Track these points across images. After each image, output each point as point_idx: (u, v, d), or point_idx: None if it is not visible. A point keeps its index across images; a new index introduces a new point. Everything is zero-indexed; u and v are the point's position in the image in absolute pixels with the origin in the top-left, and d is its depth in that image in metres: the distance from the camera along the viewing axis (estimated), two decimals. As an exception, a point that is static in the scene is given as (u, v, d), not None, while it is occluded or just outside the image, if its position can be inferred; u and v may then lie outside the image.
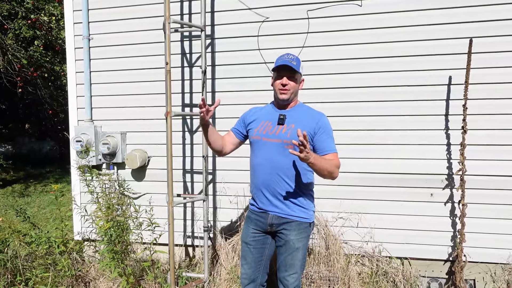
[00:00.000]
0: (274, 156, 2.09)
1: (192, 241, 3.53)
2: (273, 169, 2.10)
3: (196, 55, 3.40)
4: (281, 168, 2.09)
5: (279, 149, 2.08)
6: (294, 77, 2.10)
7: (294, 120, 2.11)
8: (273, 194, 2.12)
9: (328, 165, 1.99)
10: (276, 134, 2.11)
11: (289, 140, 1.99)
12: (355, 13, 3.06)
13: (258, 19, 3.23)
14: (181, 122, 3.45)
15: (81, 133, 3.46)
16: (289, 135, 2.06)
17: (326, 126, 2.11)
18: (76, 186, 3.62)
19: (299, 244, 2.13)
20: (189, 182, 3.50)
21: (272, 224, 2.15)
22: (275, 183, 2.10)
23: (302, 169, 2.10)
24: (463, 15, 2.89)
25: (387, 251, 3.16)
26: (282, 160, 2.08)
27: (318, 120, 2.10)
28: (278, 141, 2.09)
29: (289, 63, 2.05)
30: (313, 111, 2.18)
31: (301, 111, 2.17)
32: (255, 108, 2.35)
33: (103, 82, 3.58)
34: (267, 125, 2.16)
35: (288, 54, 2.14)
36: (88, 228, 3.41)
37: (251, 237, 2.24)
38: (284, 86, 2.08)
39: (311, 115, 2.14)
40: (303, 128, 1.96)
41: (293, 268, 2.14)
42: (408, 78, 3.02)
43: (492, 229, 2.97)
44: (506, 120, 2.89)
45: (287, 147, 2.02)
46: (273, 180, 2.10)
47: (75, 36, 3.58)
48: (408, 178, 3.08)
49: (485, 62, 2.88)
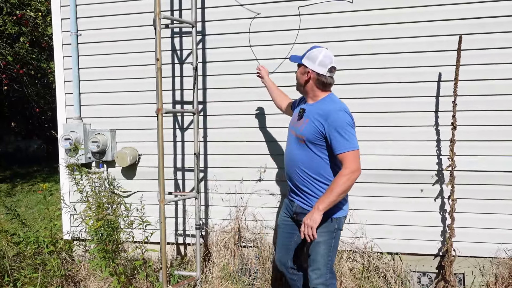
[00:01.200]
0: (292, 149, 2.22)
1: (184, 239, 3.51)
2: (291, 161, 2.22)
3: (186, 51, 3.37)
4: (297, 161, 2.17)
5: (296, 142, 2.19)
6: (298, 68, 2.24)
7: (310, 115, 2.14)
8: (294, 185, 2.24)
9: (336, 190, 1.94)
10: (295, 126, 2.22)
11: (301, 135, 2.12)
12: (347, 9, 3.07)
13: (249, 15, 3.21)
14: (172, 119, 3.42)
15: (70, 131, 3.40)
16: (302, 130, 2.13)
17: (335, 122, 2.00)
18: (65, 185, 3.56)
19: (318, 238, 2.06)
20: (180, 180, 3.47)
21: (296, 212, 2.26)
22: (294, 175, 2.21)
23: (318, 164, 2.09)
24: (453, 12, 2.92)
25: (378, 247, 3.18)
26: (297, 153, 2.17)
27: (328, 116, 2.03)
28: (294, 134, 2.21)
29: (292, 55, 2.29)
30: (331, 105, 2.09)
31: (320, 105, 2.13)
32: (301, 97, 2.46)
33: (92, 79, 3.53)
34: (295, 116, 2.29)
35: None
36: (78, 227, 3.37)
37: (282, 220, 2.41)
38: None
39: (325, 110, 2.07)
40: (313, 124, 2.07)
41: (315, 263, 2.15)
42: (399, 74, 3.04)
43: (481, 224, 3.02)
44: (495, 116, 2.93)
45: (300, 142, 2.14)
46: (292, 171, 2.22)
47: (63, 32, 3.51)
48: (399, 174, 3.10)
49: (474, 59, 2.91)
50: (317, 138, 2.06)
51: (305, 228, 1.98)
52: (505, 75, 2.89)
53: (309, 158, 2.10)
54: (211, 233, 3.39)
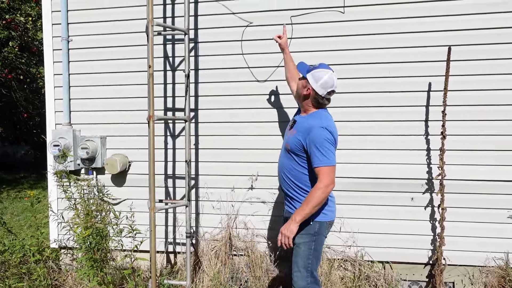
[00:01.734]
0: (282, 156, 2.37)
1: (174, 247, 3.46)
2: (280, 167, 2.37)
3: (178, 58, 3.36)
4: (283, 167, 2.32)
5: (284, 152, 2.32)
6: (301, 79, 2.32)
7: (298, 127, 2.27)
8: (283, 191, 2.38)
9: (311, 202, 2.06)
10: (287, 135, 2.36)
11: (288, 144, 2.26)
12: (338, 19, 3.10)
13: (242, 23, 3.22)
14: (163, 126, 3.40)
15: (59, 137, 3.35)
16: (288, 139, 2.28)
17: (314, 138, 2.10)
18: (53, 192, 3.50)
19: (299, 240, 2.19)
20: (171, 188, 3.44)
21: (285, 217, 2.39)
22: (282, 181, 2.36)
23: (300, 173, 2.24)
24: (441, 24, 2.97)
25: (369, 255, 3.18)
26: (284, 160, 2.32)
27: (310, 132, 2.14)
28: (285, 142, 2.34)
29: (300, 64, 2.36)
30: (315, 121, 2.18)
31: (309, 120, 2.24)
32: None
33: (83, 85, 3.49)
34: (289, 125, 2.40)
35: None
36: (65, 236, 3.30)
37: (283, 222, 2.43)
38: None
39: (309, 126, 2.18)
40: (298, 137, 2.19)
41: (295, 265, 2.23)
42: (389, 84, 3.07)
43: (470, 233, 3.05)
44: (483, 126, 2.97)
45: (287, 150, 2.28)
46: (281, 178, 2.36)
47: (54, 38, 3.48)
48: (389, 183, 3.12)
49: (463, 69, 2.96)
50: (298, 149, 2.20)
51: (282, 237, 2.11)
52: (493, 86, 2.94)
53: (292, 166, 2.25)
54: (202, 242, 3.35)
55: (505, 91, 2.93)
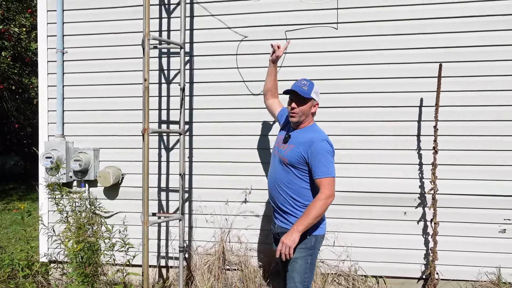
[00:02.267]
0: (276, 170, 2.31)
1: (166, 261, 3.42)
2: (275, 181, 2.31)
3: (173, 71, 3.37)
4: (279, 181, 2.28)
5: (280, 165, 2.28)
6: (304, 101, 2.23)
7: (295, 141, 2.26)
8: (276, 206, 2.32)
9: (313, 213, 2.07)
10: (280, 148, 2.32)
11: (285, 158, 2.24)
12: (332, 35, 3.15)
13: (237, 38, 3.26)
14: (157, 139, 3.39)
15: (52, 149, 3.32)
16: (285, 153, 2.25)
17: (317, 150, 2.14)
18: (44, 205, 3.45)
19: (296, 254, 2.15)
20: (164, 201, 3.42)
21: (278, 233, 2.33)
22: (276, 195, 2.30)
23: (298, 187, 2.22)
24: (433, 41, 3.03)
25: (362, 270, 3.18)
26: (281, 175, 2.27)
27: (312, 144, 2.17)
28: (279, 156, 2.30)
29: (297, 89, 2.21)
30: (314, 134, 2.23)
31: (305, 133, 2.26)
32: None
33: (77, 97, 3.48)
34: (280, 140, 2.37)
35: (302, 80, 2.30)
36: (56, 249, 3.25)
37: (274, 239, 2.45)
38: (292, 110, 2.25)
39: (309, 139, 2.20)
40: (298, 150, 2.19)
41: (291, 280, 2.19)
42: (382, 99, 3.11)
43: (463, 247, 3.07)
44: (474, 141, 3.02)
45: (283, 164, 2.25)
46: (275, 193, 2.31)
47: (48, 49, 3.48)
48: (383, 197, 3.14)
49: (454, 85, 3.01)
50: (299, 162, 2.20)
51: (283, 247, 2.07)
52: (483, 102, 3.00)
53: (291, 179, 2.23)
54: (195, 256, 3.32)
55: (496, 107, 2.99)
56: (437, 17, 3.02)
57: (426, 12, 3.03)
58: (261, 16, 3.22)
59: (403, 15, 3.06)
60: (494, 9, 2.96)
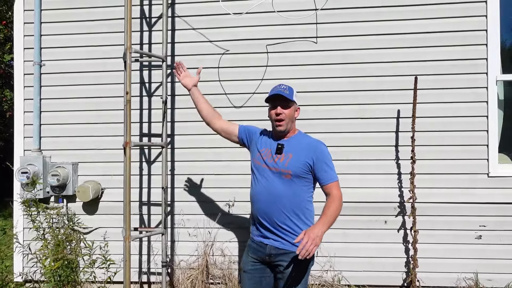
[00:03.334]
0: (273, 185, 2.08)
1: (148, 277, 3.35)
2: (272, 198, 2.07)
3: (155, 84, 3.36)
4: (279, 197, 2.06)
5: (278, 178, 2.07)
6: (288, 105, 2.11)
7: (291, 149, 2.10)
8: (272, 224, 2.08)
9: (335, 213, 1.98)
10: (275, 162, 2.10)
11: (287, 169, 2.04)
12: (312, 49, 3.23)
13: (218, 51, 3.29)
14: (138, 152, 3.35)
15: (28, 163, 3.22)
16: (286, 164, 2.06)
17: (324, 154, 2.10)
18: (20, 222, 3.32)
19: (301, 275, 2.05)
20: (145, 215, 3.36)
21: (271, 254, 2.09)
22: (273, 213, 2.07)
23: (301, 199, 2.09)
24: (409, 55, 3.15)
25: (346, 279, 3.21)
26: (281, 189, 2.07)
27: (316, 148, 2.10)
28: (276, 170, 2.08)
29: (281, 93, 2.08)
30: (311, 139, 2.18)
31: (299, 140, 2.16)
32: (264, 129, 2.34)
33: (54, 110, 3.41)
34: (268, 152, 2.15)
35: (280, 85, 2.17)
36: (32, 268, 3.12)
37: (250, 265, 2.18)
38: (278, 115, 2.09)
39: (309, 144, 2.13)
40: (300, 158, 2.05)
41: None
42: (360, 111, 3.19)
43: (442, 254, 3.15)
44: (450, 150, 3.13)
45: (285, 176, 2.05)
46: (271, 209, 2.07)
47: (25, 62, 3.41)
48: (363, 207, 3.19)
49: (430, 97, 3.13)
50: (304, 171, 2.07)
51: (310, 243, 1.75)
52: (457, 113, 3.12)
53: (294, 192, 2.08)
54: (177, 270, 3.26)
55: (468, 118, 3.12)
56: (414, 32, 3.15)
57: (404, 27, 3.16)
58: (242, 30, 3.27)
59: (381, 30, 3.17)
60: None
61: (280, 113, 2.09)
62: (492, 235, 3.11)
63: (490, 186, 3.11)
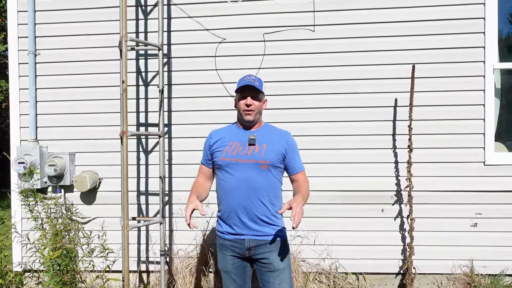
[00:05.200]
0: (251, 177, 2.03)
1: (147, 266, 3.37)
2: (250, 190, 2.03)
3: (151, 73, 3.34)
4: (258, 188, 2.03)
5: (254, 170, 2.03)
6: (257, 96, 2.09)
7: (264, 140, 2.08)
8: (250, 216, 2.04)
9: (307, 192, 2.09)
10: (248, 154, 2.05)
11: (264, 160, 2.02)
12: (309, 37, 3.21)
13: (215, 40, 3.26)
14: (135, 142, 3.34)
15: (24, 154, 3.21)
16: (263, 155, 2.04)
17: (294, 144, 2.15)
18: (17, 212, 3.33)
19: (283, 264, 2.05)
20: (143, 204, 3.37)
21: (250, 248, 2.05)
22: (251, 205, 2.03)
23: (277, 189, 2.12)
24: (406, 43, 3.14)
25: (343, 267, 3.24)
26: (259, 181, 2.03)
27: (287, 139, 2.14)
28: (252, 162, 2.03)
29: (252, 83, 2.05)
30: (280, 130, 2.20)
31: (268, 131, 2.16)
32: (214, 131, 2.27)
33: (50, 100, 3.39)
34: (237, 146, 2.09)
35: (250, 75, 2.15)
36: (31, 258, 3.13)
37: (231, 264, 2.10)
38: (249, 107, 2.06)
39: (279, 134, 2.16)
40: (275, 148, 2.06)
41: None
42: (359, 99, 3.19)
43: (438, 242, 3.17)
44: (447, 139, 3.14)
45: (262, 167, 2.03)
46: (249, 201, 2.03)
47: (20, 51, 3.37)
48: (361, 195, 3.21)
49: (427, 86, 3.12)
50: (279, 161, 2.09)
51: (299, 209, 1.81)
52: (454, 102, 3.12)
53: (271, 183, 2.08)
54: (176, 259, 3.28)
55: (465, 106, 3.12)
56: (412, 20, 3.13)
57: (401, 15, 3.14)
58: (239, 18, 3.24)
59: (379, 18, 3.15)
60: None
61: (250, 104, 2.06)
62: (487, 223, 3.14)
63: (486, 174, 3.12)
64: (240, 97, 2.12)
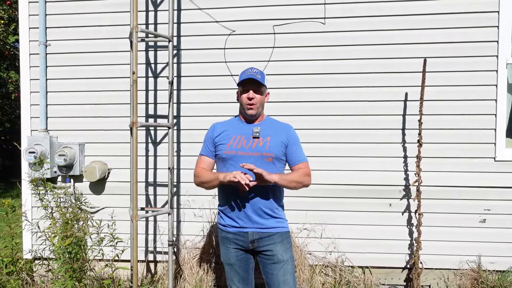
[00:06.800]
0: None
1: (154, 256, 3.41)
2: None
3: (161, 65, 3.35)
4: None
5: (259, 163, 1.99)
6: (260, 90, 2.08)
7: (268, 133, 2.09)
8: (254, 209, 2.04)
9: (295, 176, 2.06)
10: (253, 147, 2.05)
11: (269, 152, 2.03)
12: (319, 30, 3.18)
13: (225, 32, 3.26)
14: (144, 133, 3.36)
15: (35, 143, 3.25)
16: (267, 147, 2.05)
17: (295, 137, 2.17)
18: (28, 201, 3.37)
19: (286, 255, 2.06)
20: (152, 195, 3.40)
21: (253, 240, 2.05)
22: (256, 198, 2.03)
23: None
24: (418, 36, 3.10)
25: (349, 261, 3.24)
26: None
27: (288, 132, 2.15)
28: (257, 155, 2.04)
29: (254, 77, 2.03)
30: (281, 123, 2.22)
31: (271, 124, 2.18)
32: (217, 123, 2.25)
33: (60, 91, 3.41)
34: (241, 139, 2.09)
35: (252, 68, 2.14)
36: (41, 246, 3.18)
37: (234, 257, 2.11)
38: (251, 100, 2.05)
39: (282, 127, 2.18)
40: (278, 140, 2.07)
41: (287, 284, 2.04)
42: (369, 93, 3.17)
43: (445, 237, 3.16)
44: (457, 134, 3.11)
45: (267, 159, 2.03)
46: (254, 194, 2.03)
47: (30, 42, 3.39)
48: (369, 189, 3.21)
49: (438, 80, 3.09)
50: (283, 153, 2.10)
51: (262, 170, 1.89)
52: (466, 97, 3.09)
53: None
54: (183, 250, 3.31)
55: (477, 101, 3.09)
56: (424, 13, 3.09)
57: (412, 8, 3.10)
58: (249, 10, 3.23)
59: (390, 11, 3.12)
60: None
61: (252, 97, 2.05)
62: (496, 219, 3.12)
63: (496, 170, 3.10)
64: (242, 90, 2.11)
